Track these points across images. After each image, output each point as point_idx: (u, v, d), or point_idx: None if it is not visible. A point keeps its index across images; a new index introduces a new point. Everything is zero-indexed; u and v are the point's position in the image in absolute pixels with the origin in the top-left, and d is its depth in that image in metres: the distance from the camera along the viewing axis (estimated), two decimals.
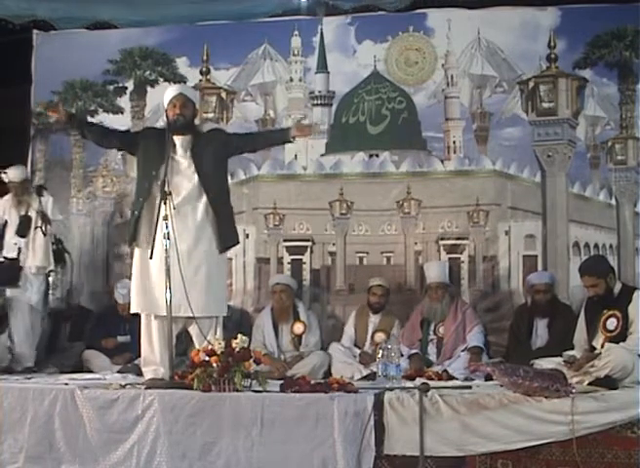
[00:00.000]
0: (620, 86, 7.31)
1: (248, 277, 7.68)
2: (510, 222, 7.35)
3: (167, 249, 5.16)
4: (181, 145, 5.45)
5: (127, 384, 5.34)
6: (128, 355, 6.78)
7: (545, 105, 7.36)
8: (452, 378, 6.16)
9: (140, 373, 5.70)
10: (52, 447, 5.08)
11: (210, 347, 4.96)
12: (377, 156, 7.66)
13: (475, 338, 6.56)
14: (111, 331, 7.06)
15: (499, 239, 7.36)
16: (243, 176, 7.72)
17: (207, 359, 4.93)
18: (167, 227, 5.16)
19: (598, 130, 7.38)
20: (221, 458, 4.82)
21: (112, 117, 7.99)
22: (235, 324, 6.86)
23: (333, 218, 7.62)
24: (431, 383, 5.22)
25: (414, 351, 6.62)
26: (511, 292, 7.29)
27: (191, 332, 5.50)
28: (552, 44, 7.35)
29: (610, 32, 7.24)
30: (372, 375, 6.24)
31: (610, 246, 7.20)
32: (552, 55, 7.35)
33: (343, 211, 7.60)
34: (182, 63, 7.97)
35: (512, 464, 4.66)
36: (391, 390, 4.97)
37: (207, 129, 5.66)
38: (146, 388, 5.13)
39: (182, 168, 5.41)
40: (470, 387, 5.40)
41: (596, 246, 7.23)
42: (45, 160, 8.11)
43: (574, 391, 4.67)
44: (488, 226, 7.37)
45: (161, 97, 5.73)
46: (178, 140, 5.44)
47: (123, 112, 8.02)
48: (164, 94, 5.59)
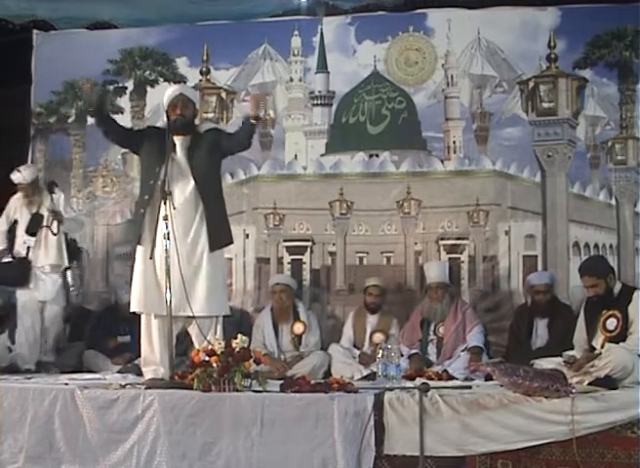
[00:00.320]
0: (620, 86, 7.31)
1: (248, 277, 7.67)
2: (510, 222, 7.35)
3: (167, 249, 5.17)
4: (181, 145, 5.45)
5: (127, 384, 5.34)
6: (128, 355, 6.78)
7: (545, 105, 7.35)
8: (452, 378, 6.17)
9: (140, 373, 5.70)
10: (52, 447, 5.08)
11: (210, 347, 4.96)
12: (377, 156, 7.66)
13: (475, 338, 6.56)
14: (111, 331, 7.07)
15: (499, 239, 7.36)
16: (243, 176, 7.72)
17: (207, 359, 4.93)
18: (167, 227, 5.17)
19: (598, 130, 7.38)
20: (221, 458, 4.82)
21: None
22: (235, 324, 6.85)
23: (333, 218, 7.62)
24: (431, 383, 5.22)
25: (414, 351, 6.63)
26: (511, 292, 7.29)
27: (191, 333, 5.49)
28: (552, 44, 7.35)
29: (610, 32, 7.23)
30: (372, 375, 6.24)
31: (610, 246, 7.20)
32: (552, 55, 7.35)
33: (343, 211, 7.60)
34: (182, 63, 7.96)
35: (512, 464, 4.66)
36: (391, 390, 4.97)
37: (204, 129, 5.65)
38: (146, 388, 5.13)
39: (182, 168, 5.41)
40: (470, 387, 5.40)
41: (596, 246, 7.23)
42: (45, 160, 8.10)
43: (574, 391, 4.67)
44: (488, 226, 7.37)
45: (161, 98, 5.72)
46: (178, 141, 5.44)
47: (123, 112, 8.00)
48: (164, 94, 5.59)
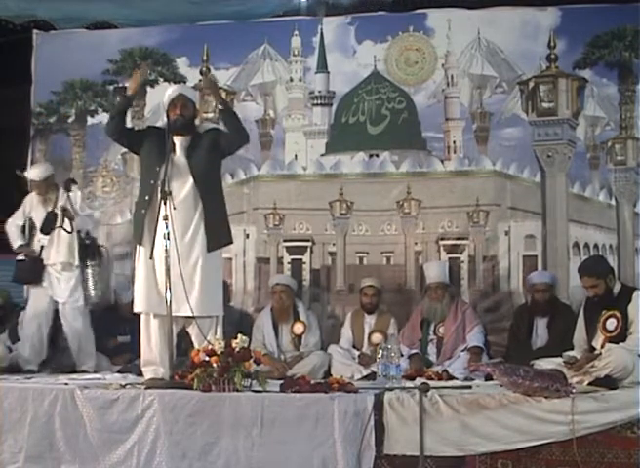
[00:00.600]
0: (620, 86, 7.30)
1: (248, 277, 7.67)
2: (510, 222, 7.35)
3: (167, 249, 5.17)
4: (181, 145, 5.45)
5: (127, 384, 5.34)
6: (128, 355, 6.78)
7: (545, 105, 7.35)
8: (452, 378, 6.17)
9: (140, 373, 5.69)
10: (52, 447, 5.08)
11: (210, 347, 4.96)
12: (377, 156, 7.66)
13: (475, 338, 6.56)
14: (111, 331, 7.07)
15: (499, 239, 7.36)
16: (243, 176, 7.72)
17: (207, 359, 4.94)
18: (167, 227, 5.17)
19: (598, 130, 7.38)
20: (222, 458, 4.82)
21: None
22: (235, 324, 6.85)
23: (333, 218, 7.62)
24: (431, 383, 5.22)
25: (414, 351, 6.63)
26: (511, 292, 7.29)
27: (190, 333, 5.49)
28: (552, 44, 7.34)
29: (610, 32, 7.23)
30: (372, 376, 6.24)
31: (610, 246, 7.19)
32: (552, 55, 7.34)
33: (343, 211, 7.60)
34: (182, 63, 7.95)
35: (512, 464, 4.66)
36: (391, 390, 4.97)
37: (204, 129, 5.65)
38: (146, 388, 5.13)
39: (181, 168, 5.41)
40: (470, 387, 5.40)
41: (596, 246, 7.22)
42: (45, 160, 8.08)
43: (574, 391, 4.67)
44: (488, 226, 7.37)
45: (161, 98, 5.72)
46: (177, 141, 5.44)
47: None
48: (164, 94, 5.59)
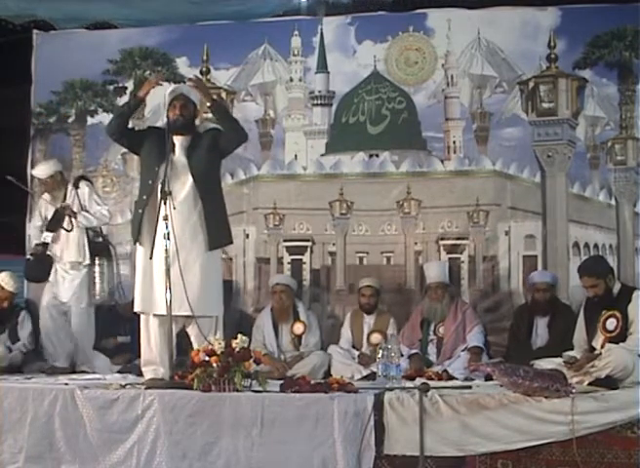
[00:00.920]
0: (620, 86, 7.30)
1: (248, 277, 7.67)
2: (510, 222, 7.35)
3: (167, 248, 5.17)
4: (181, 145, 5.46)
5: (127, 384, 5.35)
6: (128, 355, 6.78)
7: (545, 105, 7.35)
8: (452, 378, 6.17)
9: (140, 373, 5.69)
10: (52, 447, 5.08)
11: (210, 347, 4.96)
12: (377, 156, 7.65)
13: (475, 338, 6.56)
14: (111, 331, 7.06)
15: (499, 239, 7.36)
16: (243, 176, 7.71)
17: (207, 359, 4.94)
18: (167, 227, 5.17)
19: (598, 130, 7.38)
20: (222, 458, 4.82)
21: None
22: (235, 324, 6.85)
23: (333, 218, 7.62)
24: (431, 383, 5.22)
25: (414, 351, 6.63)
26: (511, 292, 7.28)
27: (190, 333, 5.48)
28: (552, 44, 7.34)
29: (610, 32, 7.23)
30: (372, 376, 6.24)
31: (609, 246, 7.19)
32: (552, 55, 7.34)
33: (343, 211, 7.60)
34: (182, 63, 7.95)
35: (512, 464, 4.66)
36: (391, 390, 4.97)
37: (205, 129, 5.64)
38: (146, 388, 5.13)
39: (181, 168, 5.41)
40: (470, 387, 5.40)
41: (596, 246, 7.22)
42: (45, 160, 8.08)
43: (574, 391, 4.67)
44: (488, 226, 7.37)
45: (161, 98, 5.72)
46: (177, 141, 5.45)
47: None
48: (164, 94, 5.59)
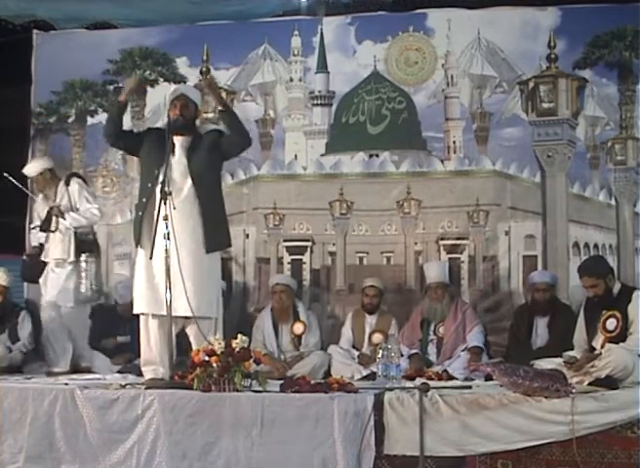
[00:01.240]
0: (620, 86, 7.30)
1: (248, 277, 7.67)
2: (510, 222, 7.34)
3: (167, 249, 5.17)
4: (181, 146, 5.45)
5: (127, 384, 5.35)
6: (128, 355, 6.79)
7: (545, 105, 7.35)
8: (452, 378, 6.17)
9: (140, 373, 5.69)
10: (52, 447, 5.08)
11: (210, 347, 4.96)
12: (377, 156, 7.65)
13: (475, 338, 6.56)
14: (111, 331, 7.07)
15: (499, 239, 7.35)
16: (243, 176, 7.71)
17: (207, 359, 4.93)
18: (167, 227, 5.17)
19: (598, 130, 7.38)
20: (222, 458, 4.82)
21: None
22: (235, 324, 6.85)
23: (333, 218, 7.62)
24: (431, 383, 5.22)
25: (414, 351, 6.63)
26: (511, 292, 7.28)
27: (189, 333, 5.48)
28: (552, 44, 7.34)
29: (610, 32, 7.23)
30: (372, 376, 6.24)
31: (609, 246, 7.19)
32: (552, 55, 7.34)
33: (343, 211, 7.59)
34: (182, 63, 7.94)
35: (512, 464, 4.66)
36: (391, 390, 4.97)
37: (206, 130, 5.63)
38: (146, 388, 5.13)
39: (180, 168, 5.40)
40: (470, 387, 5.40)
41: (596, 246, 7.22)
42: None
43: (574, 391, 4.67)
44: (488, 226, 7.36)
45: (161, 98, 5.73)
46: (177, 141, 5.44)
47: None
48: (165, 93, 5.59)
